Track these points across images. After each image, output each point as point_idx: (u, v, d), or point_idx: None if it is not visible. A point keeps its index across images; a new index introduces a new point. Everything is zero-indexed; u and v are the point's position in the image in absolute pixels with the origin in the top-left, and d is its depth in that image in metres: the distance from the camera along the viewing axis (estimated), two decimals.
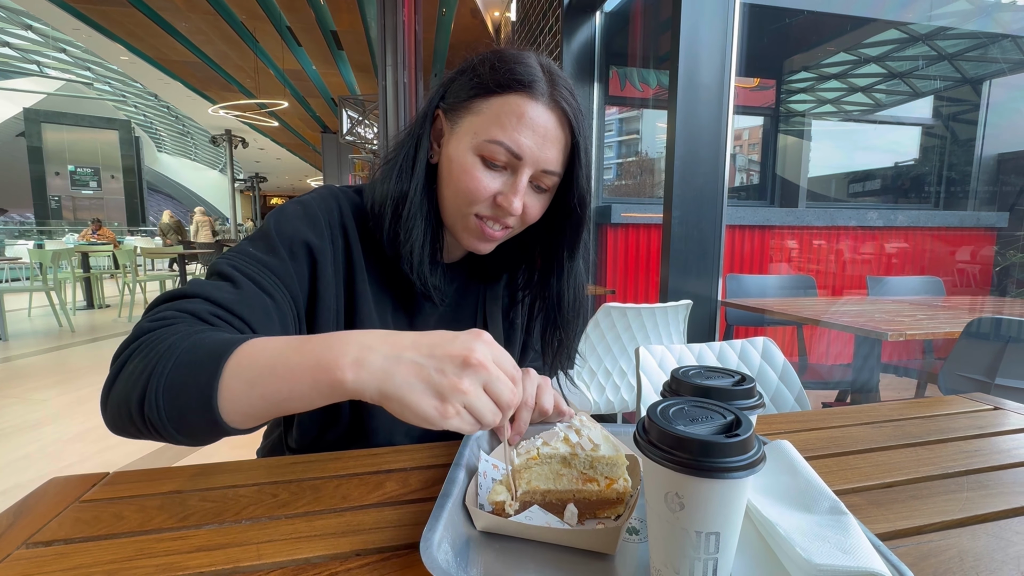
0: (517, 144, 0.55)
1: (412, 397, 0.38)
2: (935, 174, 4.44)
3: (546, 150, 0.56)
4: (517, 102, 0.55)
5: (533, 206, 0.60)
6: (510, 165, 0.57)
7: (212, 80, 10.50)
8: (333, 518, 0.44)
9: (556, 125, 0.57)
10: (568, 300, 0.66)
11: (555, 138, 0.57)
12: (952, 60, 4.39)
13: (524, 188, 0.57)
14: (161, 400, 0.41)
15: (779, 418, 0.71)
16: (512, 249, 0.70)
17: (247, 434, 0.46)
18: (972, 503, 0.48)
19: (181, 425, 0.42)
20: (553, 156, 0.57)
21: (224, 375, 0.40)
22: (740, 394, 0.40)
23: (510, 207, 0.57)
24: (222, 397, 0.40)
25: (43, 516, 0.44)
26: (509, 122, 0.55)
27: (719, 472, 0.29)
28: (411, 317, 0.67)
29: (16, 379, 3.35)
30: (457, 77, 0.60)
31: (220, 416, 0.40)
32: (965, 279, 3.57)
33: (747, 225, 3.07)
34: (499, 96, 0.56)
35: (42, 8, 7.65)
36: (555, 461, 0.44)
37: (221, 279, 0.52)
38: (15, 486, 1.97)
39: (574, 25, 3.10)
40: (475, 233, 0.60)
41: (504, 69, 0.56)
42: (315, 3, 6.62)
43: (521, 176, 0.57)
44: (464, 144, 0.57)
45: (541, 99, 0.56)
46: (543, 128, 0.56)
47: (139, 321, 0.47)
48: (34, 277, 5.02)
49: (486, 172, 0.57)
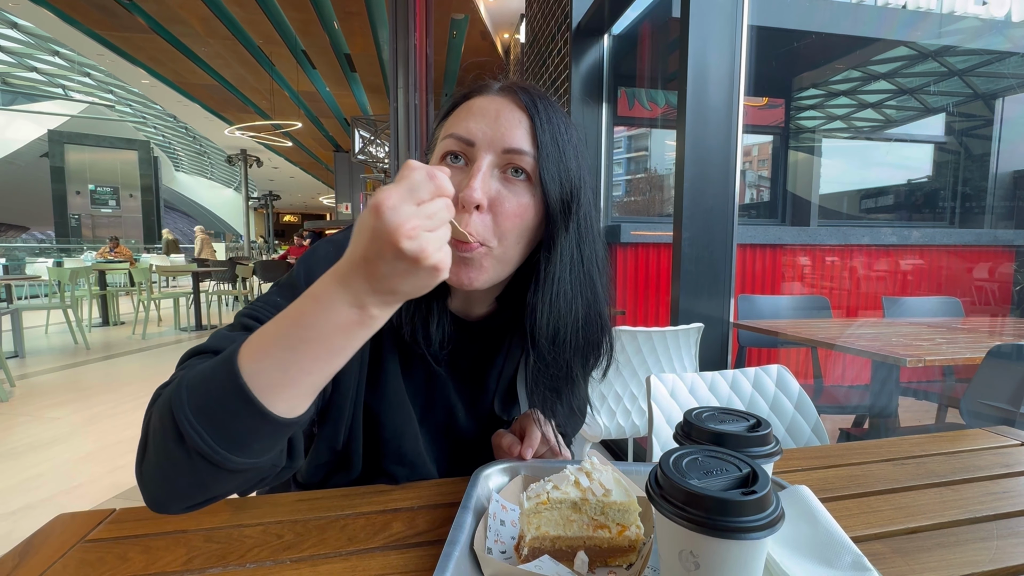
0: (466, 129, 0.50)
1: (396, 280, 0.36)
2: (949, 191, 4.39)
3: (501, 127, 0.50)
4: (471, 102, 0.53)
5: (507, 197, 0.50)
6: (466, 156, 0.51)
7: (229, 102, 10.79)
8: (339, 562, 0.44)
9: (510, 106, 0.52)
10: (542, 318, 0.53)
11: (510, 117, 0.51)
12: (963, 76, 4.38)
13: (484, 171, 0.49)
14: (196, 420, 0.37)
15: (796, 453, 0.69)
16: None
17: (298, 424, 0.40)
18: (1003, 552, 0.46)
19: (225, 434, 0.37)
20: (514, 133, 0.50)
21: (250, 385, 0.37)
22: (755, 441, 0.39)
23: (466, 196, 0.47)
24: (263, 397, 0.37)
25: (48, 557, 0.44)
26: (459, 117, 0.52)
27: (736, 532, 0.28)
28: (430, 371, 0.61)
29: (31, 397, 3.39)
30: None
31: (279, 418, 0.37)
32: (984, 298, 3.50)
33: (758, 244, 3.04)
34: (453, 111, 0.54)
35: (69, 35, 7.95)
36: (565, 506, 0.43)
37: (242, 330, 0.49)
38: (25, 507, 1.98)
39: (582, 47, 3.14)
40: (454, 259, 0.48)
41: (456, 95, 0.56)
42: (329, 27, 6.81)
43: (479, 160, 0.49)
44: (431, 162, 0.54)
45: (488, 92, 0.53)
46: (493, 111, 0.51)
47: None
48: (52, 295, 5.12)
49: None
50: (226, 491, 0.43)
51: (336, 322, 0.37)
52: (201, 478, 0.39)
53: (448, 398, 0.63)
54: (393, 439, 0.59)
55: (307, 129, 12.47)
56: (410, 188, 0.35)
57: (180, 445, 0.37)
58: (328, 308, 0.37)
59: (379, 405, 0.58)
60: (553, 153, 0.51)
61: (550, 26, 3.65)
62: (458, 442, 0.65)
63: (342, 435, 0.57)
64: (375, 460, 0.60)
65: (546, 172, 0.51)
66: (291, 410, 0.38)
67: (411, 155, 3.67)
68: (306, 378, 0.38)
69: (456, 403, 0.64)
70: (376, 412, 0.58)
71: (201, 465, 0.38)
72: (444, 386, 0.63)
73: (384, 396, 0.58)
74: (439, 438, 0.64)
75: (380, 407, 0.58)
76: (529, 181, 0.51)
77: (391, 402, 0.58)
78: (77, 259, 9.11)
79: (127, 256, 8.04)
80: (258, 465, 0.40)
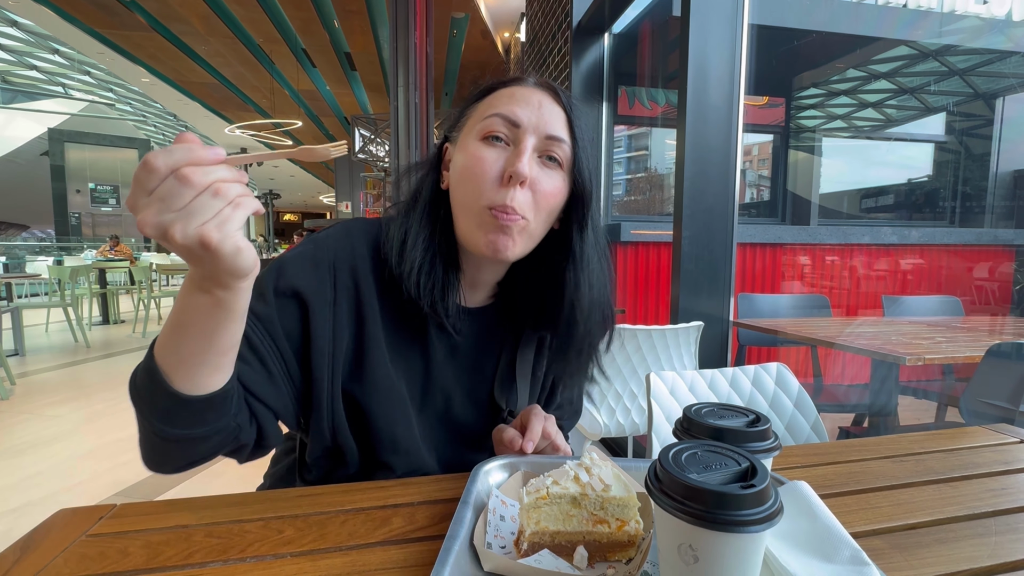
0: (512, 112, 0.55)
1: (193, 262, 0.38)
2: (949, 190, 4.39)
3: (544, 116, 0.56)
4: (507, 89, 0.58)
5: (544, 180, 0.55)
6: (511, 139, 0.56)
7: (229, 100, 10.78)
8: (338, 557, 0.44)
9: (548, 100, 0.57)
10: (584, 289, 0.59)
11: (550, 109, 0.57)
12: (964, 76, 4.38)
13: (529, 152, 0.54)
14: (134, 398, 0.47)
15: (795, 451, 0.70)
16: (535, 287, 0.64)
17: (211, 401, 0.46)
18: (1002, 548, 0.46)
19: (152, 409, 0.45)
20: (553, 122, 0.56)
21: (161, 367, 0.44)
22: (754, 436, 0.39)
23: (516, 170, 0.53)
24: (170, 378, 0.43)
25: (50, 551, 0.44)
26: (501, 100, 0.57)
27: (735, 526, 0.28)
28: (426, 358, 0.63)
29: (32, 395, 3.39)
30: (453, 114, 0.63)
31: (181, 393, 0.44)
32: (983, 297, 3.50)
33: (758, 243, 3.05)
34: (493, 93, 0.59)
35: (69, 33, 7.95)
36: (565, 501, 0.43)
37: None
38: (26, 504, 1.98)
39: (583, 46, 3.14)
40: (491, 226, 0.54)
41: (491, 81, 0.61)
42: (330, 26, 6.80)
43: (524, 141, 0.55)
44: (465, 140, 0.58)
45: (528, 83, 0.59)
46: (536, 100, 0.57)
47: None
48: (52, 293, 5.12)
49: (489, 149, 0.55)
50: (185, 456, 0.49)
51: (196, 306, 0.41)
52: (154, 444, 0.47)
53: (446, 384, 0.64)
54: (386, 427, 0.59)
55: (307, 128, 12.47)
56: (136, 181, 0.35)
57: (137, 419, 0.47)
58: (187, 295, 0.41)
59: (366, 395, 0.59)
60: (585, 146, 0.58)
61: (550, 25, 3.65)
62: (456, 429, 0.66)
63: (326, 429, 0.58)
64: (371, 451, 0.60)
65: (580, 161, 0.58)
66: (195, 387, 0.44)
67: (412, 154, 3.67)
68: (195, 358, 0.43)
69: (454, 389, 0.65)
70: (364, 402, 0.59)
71: (147, 434, 0.46)
72: (442, 372, 0.64)
73: (371, 385, 0.59)
74: (437, 425, 0.65)
75: (367, 397, 0.59)
76: (561, 168, 0.57)
77: (379, 389, 0.59)
78: (77, 257, 9.12)
79: (127, 255, 8.04)
80: (193, 435, 0.46)
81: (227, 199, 0.36)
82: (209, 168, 0.35)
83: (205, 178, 0.35)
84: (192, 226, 0.34)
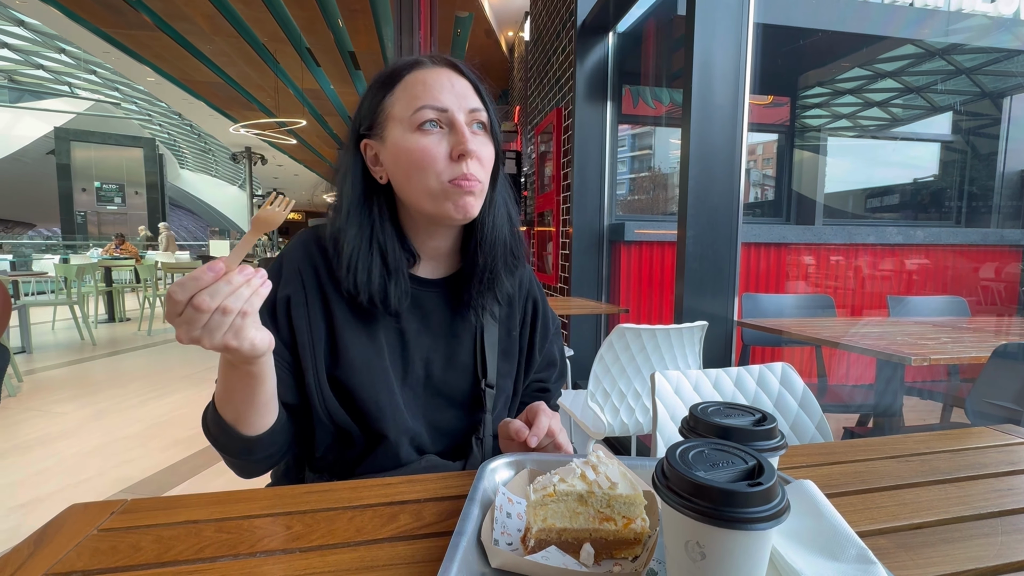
0: (437, 100, 0.62)
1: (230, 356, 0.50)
2: (956, 190, 4.36)
3: (460, 91, 0.63)
4: (413, 76, 0.64)
5: (482, 148, 0.64)
6: (443, 122, 0.62)
7: (234, 100, 10.81)
8: (347, 553, 0.44)
9: (454, 75, 0.64)
10: (488, 225, 0.69)
11: (461, 83, 0.64)
12: (971, 75, 4.34)
13: (467, 130, 0.62)
14: (236, 457, 0.61)
15: (801, 450, 0.70)
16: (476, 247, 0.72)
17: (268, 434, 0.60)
18: (1008, 548, 0.46)
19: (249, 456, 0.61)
20: (469, 95, 0.64)
21: (225, 418, 0.58)
22: (761, 435, 0.39)
23: (465, 148, 0.61)
24: (236, 426, 0.58)
25: (62, 546, 0.45)
26: (419, 90, 0.62)
27: (742, 523, 0.29)
28: (400, 332, 0.69)
29: (38, 392, 3.42)
30: (360, 107, 0.67)
31: (247, 435, 0.58)
32: (990, 298, 3.48)
33: (763, 243, 3.04)
34: (398, 84, 0.64)
35: (75, 32, 7.99)
36: (571, 499, 0.43)
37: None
38: (34, 499, 2.00)
39: (587, 45, 3.13)
40: (454, 195, 0.62)
41: (389, 70, 0.66)
42: (334, 25, 6.81)
43: (458, 122, 0.62)
44: (398, 134, 0.63)
45: (430, 64, 0.65)
46: (447, 80, 0.63)
47: None
48: (59, 291, 5.16)
49: (429, 139, 0.61)
50: (270, 463, 0.64)
51: (234, 378, 0.54)
52: (242, 466, 0.63)
53: (424, 354, 0.70)
54: (370, 398, 0.65)
55: (311, 127, 12.48)
56: (167, 307, 0.46)
57: (232, 461, 0.62)
58: (225, 371, 0.54)
59: (347, 375, 0.65)
60: (492, 107, 0.66)
61: (555, 23, 3.65)
62: (440, 394, 0.70)
63: (321, 413, 0.65)
64: (364, 425, 0.65)
65: (494, 122, 0.66)
66: (256, 429, 0.58)
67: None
68: (247, 412, 0.57)
69: (433, 357, 0.70)
70: (347, 382, 0.65)
71: (236, 463, 0.63)
72: (418, 343, 0.69)
73: (349, 364, 0.65)
74: (422, 392, 0.70)
75: (348, 376, 0.65)
76: (487, 131, 0.65)
77: (356, 367, 0.65)
78: (83, 256, 9.17)
79: (133, 253, 8.08)
80: (272, 452, 0.62)
81: (234, 312, 0.45)
82: (215, 288, 0.44)
83: (213, 302, 0.44)
84: (215, 339, 0.46)
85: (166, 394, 3.38)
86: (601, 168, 3.18)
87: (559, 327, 0.85)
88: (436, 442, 0.70)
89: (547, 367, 0.83)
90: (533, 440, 0.60)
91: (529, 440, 0.60)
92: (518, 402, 0.79)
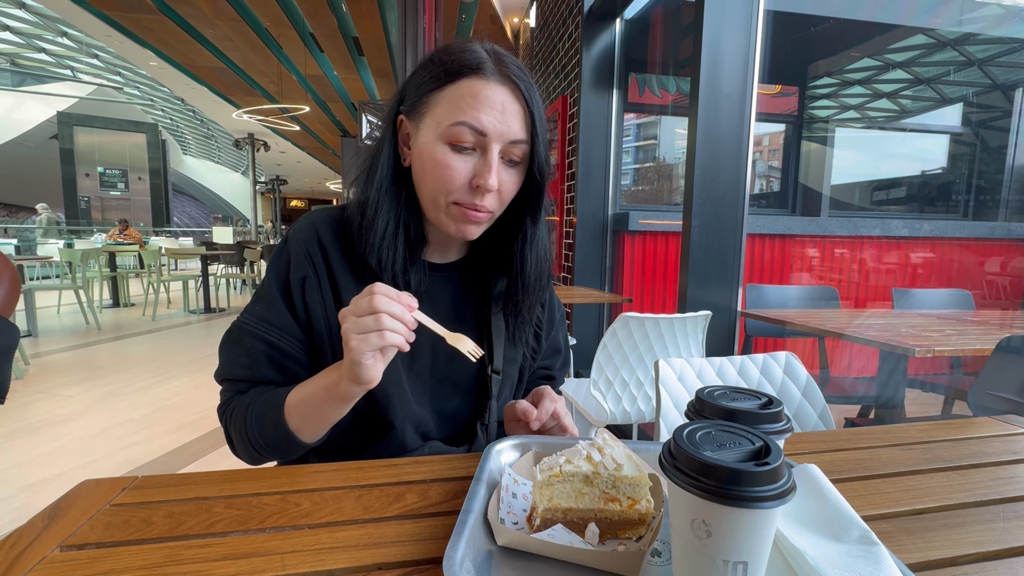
0: (479, 122, 0.57)
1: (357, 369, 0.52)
2: (964, 183, 4.32)
3: (508, 122, 0.59)
4: (469, 85, 0.58)
5: (508, 182, 0.61)
6: (478, 145, 0.59)
7: (237, 85, 10.74)
8: (355, 529, 0.45)
9: (511, 98, 0.59)
10: (530, 265, 0.68)
11: (513, 110, 0.59)
12: (982, 66, 4.28)
13: (496, 163, 0.59)
14: (267, 453, 0.63)
15: (804, 437, 0.70)
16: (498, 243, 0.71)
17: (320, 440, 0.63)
18: (1009, 534, 0.46)
19: (288, 456, 0.64)
20: (516, 126, 0.59)
21: (290, 426, 0.59)
22: (767, 418, 0.40)
23: (486, 184, 0.58)
24: (298, 434, 0.60)
25: (76, 519, 0.46)
26: (467, 103, 0.58)
27: (748, 501, 0.29)
28: None
29: (45, 375, 3.46)
30: (411, 80, 0.63)
31: (306, 444, 0.61)
32: (995, 292, 3.46)
33: (768, 234, 3.02)
34: (452, 84, 0.59)
35: (77, 15, 7.92)
36: (577, 479, 0.44)
37: (239, 347, 0.65)
38: (42, 480, 2.03)
39: (594, 32, 3.09)
40: (458, 218, 0.61)
41: (451, 60, 0.60)
42: (338, 10, 6.74)
43: (491, 152, 0.59)
44: (430, 137, 0.60)
45: (492, 77, 0.59)
46: (500, 103, 0.58)
47: None
48: (64, 275, 5.18)
49: (457, 157, 0.59)
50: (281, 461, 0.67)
51: (326, 398, 0.57)
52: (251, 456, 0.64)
53: (431, 340, 0.69)
54: (378, 388, 0.64)
55: (314, 113, 12.41)
56: (351, 308, 0.52)
57: (257, 456, 0.64)
58: (321, 392, 0.58)
59: None
60: (542, 141, 0.63)
61: (561, 10, 3.60)
62: (446, 380, 0.70)
63: None
64: (373, 415, 0.66)
65: (537, 158, 0.62)
66: (312, 438, 0.61)
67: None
68: (319, 427, 0.60)
69: (438, 343, 0.70)
70: None
71: (249, 451, 0.64)
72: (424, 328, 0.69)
73: None
74: (429, 379, 0.70)
75: None
76: (520, 164, 0.62)
77: None
78: (87, 241, 9.20)
79: (136, 239, 8.10)
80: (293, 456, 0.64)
81: (391, 341, 0.52)
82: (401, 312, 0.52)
83: (390, 320, 0.52)
84: (366, 344, 0.51)
85: (171, 378, 3.41)
86: (606, 157, 3.16)
87: (564, 315, 0.85)
88: (441, 428, 0.70)
89: (552, 354, 0.84)
90: (535, 425, 0.61)
91: (532, 422, 0.61)
92: (523, 389, 0.79)
